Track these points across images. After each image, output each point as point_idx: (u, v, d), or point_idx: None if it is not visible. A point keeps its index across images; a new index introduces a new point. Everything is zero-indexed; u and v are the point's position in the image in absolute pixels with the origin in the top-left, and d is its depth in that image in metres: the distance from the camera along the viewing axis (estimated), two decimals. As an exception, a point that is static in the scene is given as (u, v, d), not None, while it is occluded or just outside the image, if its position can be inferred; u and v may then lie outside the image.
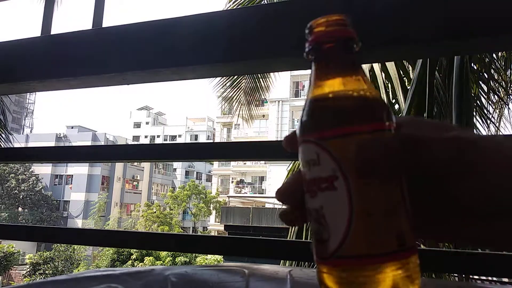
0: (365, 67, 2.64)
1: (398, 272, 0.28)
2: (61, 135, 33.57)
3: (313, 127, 0.30)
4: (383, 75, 2.56)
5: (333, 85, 0.30)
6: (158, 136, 43.47)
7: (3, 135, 5.26)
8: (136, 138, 43.58)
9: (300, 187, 0.31)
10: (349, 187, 0.28)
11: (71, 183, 32.47)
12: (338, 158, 0.28)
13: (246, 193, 29.11)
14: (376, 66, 2.58)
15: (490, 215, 0.29)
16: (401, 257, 0.28)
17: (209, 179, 39.29)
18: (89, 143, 30.51)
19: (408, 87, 2.21)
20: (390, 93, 2.54)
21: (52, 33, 0.96)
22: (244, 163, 29.33)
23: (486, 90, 2.77)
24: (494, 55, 2.68)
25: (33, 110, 41.25)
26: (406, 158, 0.29)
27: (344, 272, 0.29)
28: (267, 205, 17.50)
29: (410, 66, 2.52)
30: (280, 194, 0.34)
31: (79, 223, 29.95)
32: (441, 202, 0.31)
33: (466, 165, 0.28)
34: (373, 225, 0.28)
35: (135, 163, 34.04)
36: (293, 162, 3.22)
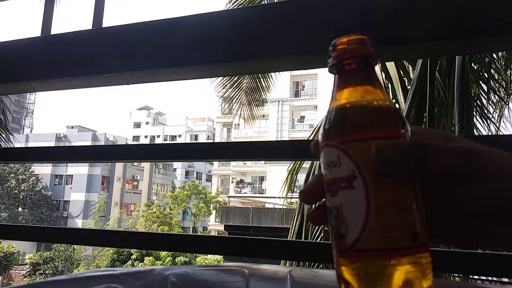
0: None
1: (411, 266, 0.30)
2: (61, 135, 33.57)
3: (335, 132, 0.33)
4: (383, 75, 2.55)
5: (354, 96, 0.34)
6: (158, 136, 43.47)
7: (3, 135, 5.25)
8: (136, 138, 43.57)
9: (322, 187, 0.34)
10: (367, 186, 0.31)
11: (71, 183, 32.46)
12: (357, 160, 0.31)
13: (246, 193, 29.10)
14: (376, 66, 2.57)
15: (492, 216, 0.31)
16: (414, 253, 0.30)
17: (209, 179, 39.28)
18: (89, 143, 30.51)
19: (408, 87, 2.21)
20: (390, 93, 2.54)
21: (52, 33, 0.96)
22: (244, 163, 29.33)
23: (486, 90, 2.77)
24: (494, 55, 2.68)
25: (33, 110, 41.29)
26: (419, 163, 0.31)
27: (360, 265, 0.31)
28: (267, 205, 17.49)
29: (410, 66, 2.52)
30: (304, 194, 0.37)
31: (79, 223, 29.95)
32: (440, 205, 0.34)
33: (472, 170, 0.31)
34: (388, 222, 0.31)
35: (135, 163, 34.05)
36: (293, 162, 3.22)
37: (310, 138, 3.39)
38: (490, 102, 2.93)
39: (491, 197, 0.30)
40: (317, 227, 2.80)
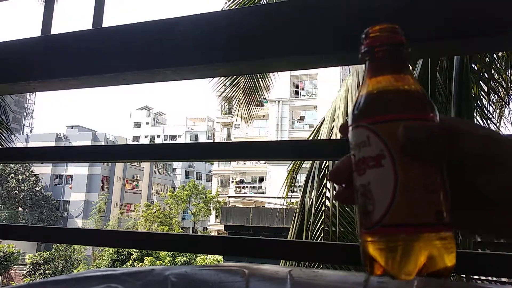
0: (365, 67, 2.64)
1: (434, 242, 0.31)
2: (61, 135, 33.59)
3: (366, 114, 0.35)
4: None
5: (384, 81, 0.35)
6: (158, 136, 43.48)
7: (4, 135, 5.25)
8: (136, 138, 43.58)
9: (349, 168, 0.36)
10: (395, 165, 0.32)
11: (71, 183, 32.46)
12: (386, 139, 0.33)
13: (246, 193, 29.10)
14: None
15: (509, 207, 0.32)
16: (439, 230, 0.32)
17: (209, 179, 39.28)
18: (89, 143, 30.51)
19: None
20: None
21: (52, 33, 0.96)
22: (244, 163, 29.33)
23: (486, 90, 2.77)
24: (494, 55, 2.68)
25: (33, 110, 41.28)
26: (446, 145, 0.32)
27: (386, 240, 0.32)
28: (267, 205, 17.49)
29: (410, 66, 2.51)
30: (333, 174, 0.38)
31: (79, 223, 29.95)
32: (462, 193, 0.34)
33: (493, 158, 0.31)
34: (414, 199, 0.32)
35: (135, 163, 34.06)
36: (293, 162, 3.22)
37: (310, 138, 3.39)
38: (490, 102, 2.93)
39: (509, 187, 0.31)
40: (316, 227, 2.80)
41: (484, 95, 2.78)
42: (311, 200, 2.84)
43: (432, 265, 0.31)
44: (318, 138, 3.08)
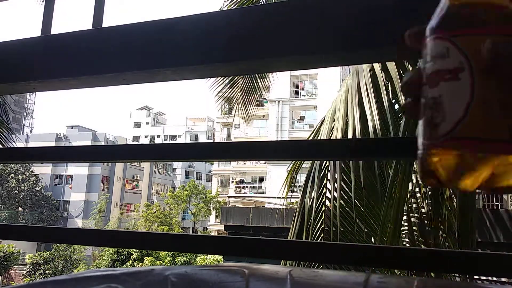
0: (366, 66, 2.64)
1: (504, 160, 0.30)
2: (61, 135, 33.60)
3: (449, 25, 0.33)
4: (383, 75, 2.55)
5: None
6: (158, 136, 43.49)
7: (4, 135, 5.24)
8: (136, 138, 43.60)
9: (419, 80, 0.35)
10: (474, 78, 0.31)
11: (71, 183, 32.47)
12: (468, 53, 0.31)
13: (246, 193, 29.10)
14: (377, 66, 2.57)
15: None
16: (509, 150, 0.31)
17: (209, 179, 39.28)
18: (89, 143, 30.51)
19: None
20: (390, 93, 2.54)
21: (52, 33, 0.96)
22: (244, 163, 29.33)
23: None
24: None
25: (33, 110, 41.30)
26: None
27: (452, 152, 0.31)
28: (267, 205, 17.48)
29: (410, 66, 2.52)
30: (405, 85, 0.38)
31: (79, 223, 29.96)
32: None
33: None
34: (489, 115, 0.31)
35: (135, 163, 34.07)
36: (293, 162, 3.22)
37: (310, 138, 3.39)
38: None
39: None
40: (316, 227, 2.80)
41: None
42: (311, 200, 2.84)
43: (497, 181, 0.31)
44: (318, 138, 3.08)
